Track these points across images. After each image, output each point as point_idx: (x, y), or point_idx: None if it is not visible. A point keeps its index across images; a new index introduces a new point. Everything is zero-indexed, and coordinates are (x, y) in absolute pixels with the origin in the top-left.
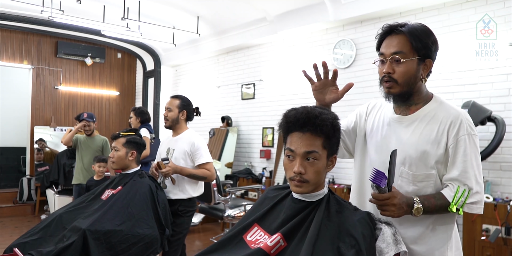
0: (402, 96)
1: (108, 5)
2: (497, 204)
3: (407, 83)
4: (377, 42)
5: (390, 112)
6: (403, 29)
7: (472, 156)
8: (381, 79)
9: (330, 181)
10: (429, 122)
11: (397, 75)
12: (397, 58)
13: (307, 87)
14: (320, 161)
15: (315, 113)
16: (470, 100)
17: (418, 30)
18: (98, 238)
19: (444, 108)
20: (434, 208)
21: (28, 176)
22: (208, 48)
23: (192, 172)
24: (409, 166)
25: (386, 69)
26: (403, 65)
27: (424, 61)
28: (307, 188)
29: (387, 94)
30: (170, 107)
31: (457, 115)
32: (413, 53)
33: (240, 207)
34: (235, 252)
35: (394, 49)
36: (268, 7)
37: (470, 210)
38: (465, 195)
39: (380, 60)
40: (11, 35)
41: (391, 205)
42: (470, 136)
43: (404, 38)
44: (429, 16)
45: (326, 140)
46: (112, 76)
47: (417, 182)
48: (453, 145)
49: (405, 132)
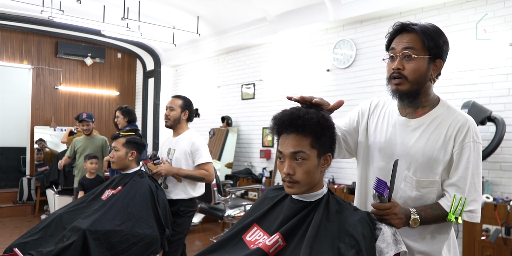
0: (410, 94)
1: (108, 5)
2: (497, 204)
3: (417, 81)
4: (387, 40)
5: (395, 114)
6: (415, 27)
7: (475, 163)
8: (389, 76)
9: (330, 181)
10: (436, 128)
11: (407, 71)
12: (408, 53)
13: (307, 87)
14: (310, 161)
15: (299, 113)
16: (470, 100)
17: (430, 29)
18: (98, 238)
19: (452, 113)
20: (431, 219)
21: (28, 176)
22: (208, 48)
23: (189, 173)
24: (413, 172)
25: (396, 64)
26: (414, 62)
27: (434, 61)
28: (299, 189)
29: (395, 91)
30: (173, 106)
31: (465, 122)
32: (424, 51)
33: (240, 207)
34: (235, 252)
35: (406, 45)
36: (268, 7)
37: (469, 218)
38: (462, 202)
39: (390, 56)
40: (11, 35)
41: (392, 215)
42: (475, 143)
43: (416, 36)
44: (429, 16)
45: (314, 140)
46: (112, 76)
47: (420, 188)
48: (458, 151)
49: (412, 136)
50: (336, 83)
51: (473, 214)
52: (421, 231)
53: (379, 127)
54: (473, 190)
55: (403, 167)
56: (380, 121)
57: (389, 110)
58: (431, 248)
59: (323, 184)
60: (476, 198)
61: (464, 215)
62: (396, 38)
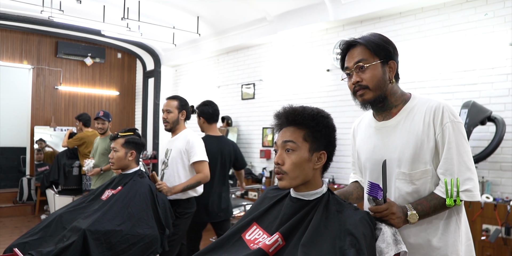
0: (377, 100)
1: (108, 5)
2: (497, 204)
3: (378, 86)
4: (340, 61)
5: (373, 122)
6: (360, 41)
7: (458, 142)
8: (353, 92)
9: (330, 181)
10: (413, 119)
11: (366, 81)
12: (361, 65)
13: (307, 87)
14: (299, 153)
15: (295, 108)
16: (470, 100)
17: (372, 38)
18: (98, 238)
19: (424, 102)
20: (429, 210)
21: (28, 176)
22: (208, 48)
23: (185, 185)
24: (404, 166)
25: (354, 79)
26: (368, 71)
27: (387, 63)
28: (288, 181)
29: (363, 102)
30: (169, 109)
31: (438, 105)
32: (374, 58)
33: (240, 207)
34: (234, 251)
35: (356, 59)
36: (268, 7)
37: (468, 197)
38: (455, 183)
39: (347, 74)
40: (11, 35)
41: (391, 214)
42: (453, 123)
43: (362, 47)
44: (429, 16)
45: (308, 133)
46: (112, 76)
47: (415, 181)
48: (440, 134)
49: (394, 134)
50: (336, 83)
51: (470, 193)
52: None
53: (364, 141)
54: (464, 169)
55: (393, 166)
56: (362, 136)
57: (366, 122)
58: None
59: (322, 184)
60: (471, 176)
61: (461, 195)
62: (347, 56)
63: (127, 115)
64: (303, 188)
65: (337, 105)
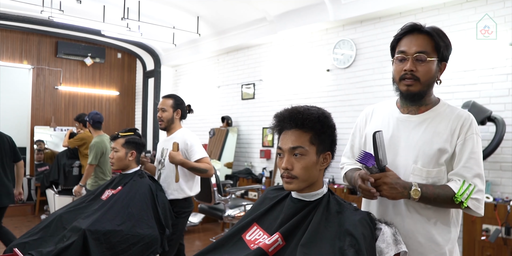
0: (420, 95)
1: (108, 5)
2: (497, 204)
3: (428, 82)
4: (394, 39)
5: (396, 113)
6: (427, 29)
7: (479, 155)
8: (400, 77)
9: (330, 181)
10: (441, 122)
11: (420, 73)
12: (423, 56)
13: (307, 87)
14: (308, 157)
15: (300, 109)
16: (470, 100)
17: (442, 34)
18: (98, 238)
19: (454, 110)
20: (432, 196)
21: (28, 176)
22: (208, 48)
23: (194, 165)
24: (422, 163)
25: (409, 66)
26: (426, 65)
27: (441, 63)
28: (297, 185)
29: (405, 92)
30: (164, 107)
31: (468, 116)
32: (435, 54)
33: (240, 207)
34: (234, 251)
35: (419, 48)
36: (268, 7)
37: (474, 207)
38: (470, 189)
39: (401, 57)
40: (11, 35)
41: (382, 184)
42: (477, 136)
43: (427, 37)
44: (429, 16)
45: (314, 136)
46: (112, 76)
47: (430, 178)
48: (461, 142)
49: (417, 130)
50: (336, 83)
51: (478, 203)
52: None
53: (380, 128)
54: (479, 181)
55: (409, 160)
56: (380, 123)
57: (388, 111)
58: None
59: (323, 184)
60: (482, 189)
61: (470, 201)
62: (406, 39)
63: (127, 115)
64: (307, 189)
65: (337, 105)
